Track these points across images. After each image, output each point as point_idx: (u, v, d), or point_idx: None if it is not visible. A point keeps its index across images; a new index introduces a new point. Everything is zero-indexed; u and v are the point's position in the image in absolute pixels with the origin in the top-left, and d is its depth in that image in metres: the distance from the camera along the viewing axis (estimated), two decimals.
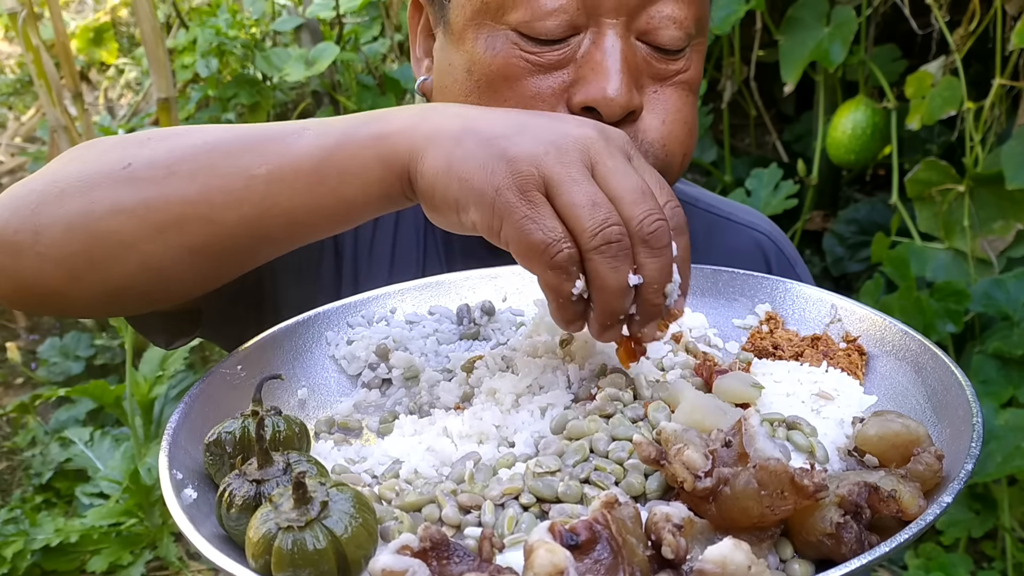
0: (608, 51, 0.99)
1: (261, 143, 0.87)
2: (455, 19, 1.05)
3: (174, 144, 0.90)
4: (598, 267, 0.74)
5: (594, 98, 0.99)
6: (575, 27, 1.00)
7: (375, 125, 0.84)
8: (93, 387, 3.44)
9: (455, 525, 0.72)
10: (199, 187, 0.86)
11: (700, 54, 1.09)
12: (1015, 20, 2.53)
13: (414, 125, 0.82)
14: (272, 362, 0.95)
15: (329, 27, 3.71)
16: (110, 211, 0.87)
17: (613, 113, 0.99)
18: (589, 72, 1.00)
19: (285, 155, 0.85)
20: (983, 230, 2.67)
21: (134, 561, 3.11)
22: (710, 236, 1.30)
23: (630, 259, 0.75)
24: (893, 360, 0.92)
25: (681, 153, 1.07)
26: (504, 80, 1.02)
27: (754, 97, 3.32)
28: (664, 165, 1.05)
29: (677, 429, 0.72)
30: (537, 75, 1.01)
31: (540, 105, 1.01)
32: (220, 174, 0.86)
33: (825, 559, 0.66)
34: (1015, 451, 2.38)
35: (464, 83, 1.04)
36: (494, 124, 0.80)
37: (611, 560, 0.60)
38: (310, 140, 0.85)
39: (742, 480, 0.65)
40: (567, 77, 1.01)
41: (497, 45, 1.01)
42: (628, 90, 0.99)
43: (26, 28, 3.50)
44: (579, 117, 0.85)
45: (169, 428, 0.81)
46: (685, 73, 1.06)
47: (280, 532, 0.65)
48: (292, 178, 0.85)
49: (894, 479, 0.69)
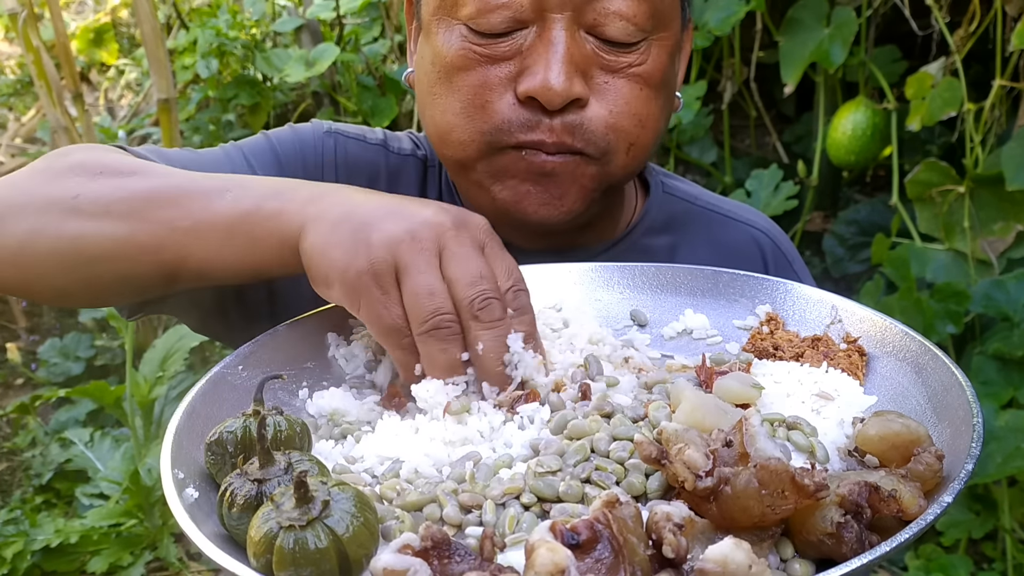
0: (551, 43, 1.04)
1: (188, 197, 0.98)
2: (424, 14, 1.13)
3: (118, 184, 1.01)
4: (429, 349, 0.86)
5: (534, 88, 1.04)
6: (520, 21, 1.05)
7: (278, 201, 0.95)
8: (93, 388, 3.44)
9: (456, 524, 0.72)
10: (129, 230, 0.98)
11: (663, 48, 1.09)
12: (1015, 21, 2.53)
13: (305, 206, 0.94)
14: (273, 362, 0.95)
15: (329, 28, 3.71)
16: (54, 237, 1.00)
17: (552, 101, 1.04)
18: (532, 63, 1.05)
19: (204, 212, 0.97)
20: (983, 231, 2.67)
21: (134, 562, 3.11)
22: (708, 233, 1.31)
23: (459, 342, 0.86)
24: (893, 361, 0.92)
25: (626, 144, 1.09)
26: (458, 71, 1.08)
27: (754, 98, 3.33)
28: (604, 154, 1.08)
29: (678, 429, 0.72)
30: (486, 66, 1.07)
31: (489, 94, 1.07)
32: (148, 220, 0.98)
33: (826, 559, 0.66)
34: (1015, 452, 2.38)
35: (430, 74, 1.11)
36: (368, 211, 0.90)
37: (612, 559, 0.61)
38: (228, 203, 0.97)
39: (743, 480, 0.65)
40: (513, 68, 1.06)
41: (452, 39, 1.08)
42: (568, 79, 1.03)
43: (26, 29, 3.50)
44: (440, 204, 0.93)
45: (171, 428, 0.81)
46: (640, 66, 1.07)
47: (282, 531, 0.65)
48: (206, 234, 0.97)
49: (894, 479, 0.69)
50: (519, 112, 1.06)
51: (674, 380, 0.88)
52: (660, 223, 1.29)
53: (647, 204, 1.30)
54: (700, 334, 1.03)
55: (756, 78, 3.25)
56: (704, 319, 1.03)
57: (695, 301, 1.06)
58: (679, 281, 1.08)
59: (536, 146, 1.07)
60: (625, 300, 1.08)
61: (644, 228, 1.28)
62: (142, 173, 1.03)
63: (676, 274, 1.08)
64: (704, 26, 2.96)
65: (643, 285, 1.08)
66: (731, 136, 3.49)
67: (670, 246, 1.28)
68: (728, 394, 0.83)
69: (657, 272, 1.08)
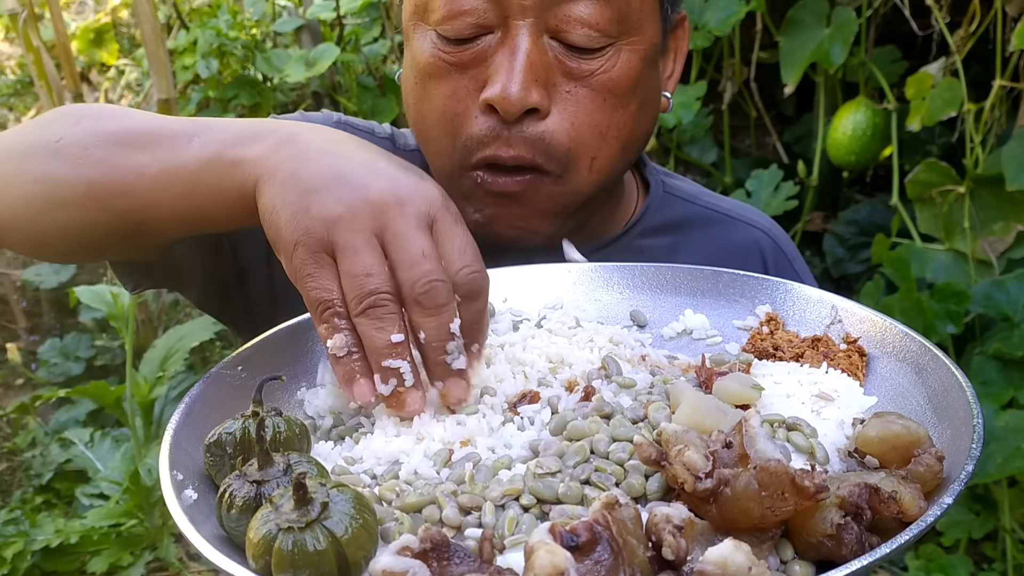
0: (513, 50, 1.03)
1: (157, 143, 0.97)
2: (404, 19, 1.12)
3: (96, 127, 1.01)
4: (364, 329, 0.82)
5: (491, 97, 1.03)
6: (484, 27, 1.04)
7: (239, 149, 0.93)
8: (93, 388, 3.44)
9: (455, 526, 0.72)
10: (101, 174, 0.98)
11: (634, 53, 1.07)
12: (1015, 21, 2.53)
13: (264, 157, 0.91)
14: (272, 363, 0.95)
15: (329, 28, 3.71)
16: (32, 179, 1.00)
17: (508, 111, 1.03)
18: (493, 72, 1.04)
19: (171, 160, 0.96)
20: (983, 231, 2.67)
21: (134, 562, 3.11)
22: (708, 233, 1.30)
23: (396, 321, 0.82)
24: (894, 361, 0.92)
25: (587, 158, 1.07)
26: (430, 78, 1.08)
27: (754, 98, 3.32)
28: (565, 170, 1.07)
29: (678, 430, 0.72)
30: (455, 74, 1.07)
31: (457, 105, 1.06)
32: (119, 165, 0.97)
33: (826, 560, 0.66)
34: (1015, 452, 2.38)
35: (410, 79, 1.12)
36: (314, 175, 0.87)
37: (612, 561, 0.60)
38: (194, 150, 0.95)
39: (743, 481, 0.65)
40: (479, 76, 1.05)
41: (425, 45, 1.08)
42: (524, 89, 1.02)
43: (27, 29, 3.50)
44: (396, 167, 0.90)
45: (170, 429, 0.81)
46: (604, 74, 1.06)
47: (280, 533, 0.65)
48: (172, 182, 0.96)
49: (895, 480, 0.69)
50: (481, 124, 1.05)
51: (674, 381, 0.88)
52: (659, 223, 1.29)
53: (646, 204, 1.30)
54: (700, 334, 1.02)
55: (756, 78, 3.25)
56: (704, 319, 1.03)
57: (695, 301, 1.06)
58: (679, 281, 1.07)
59: (493, 161, 1.06)
60: (625, 300, 1.08)
61: (641, 228, 1.27)
62: (119, 116, 1.02)
63: (676, 274, 1.08)
64: (704, 26, 2.96)
65: (643, 285, 1.08)
66: (731, 136, 3.49)
67: (669, 246, 1.27)
68: (728, 395, 0.83)
69: (657, 272, 1.08)
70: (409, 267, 0.82)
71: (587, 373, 0.91)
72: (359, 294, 0.82)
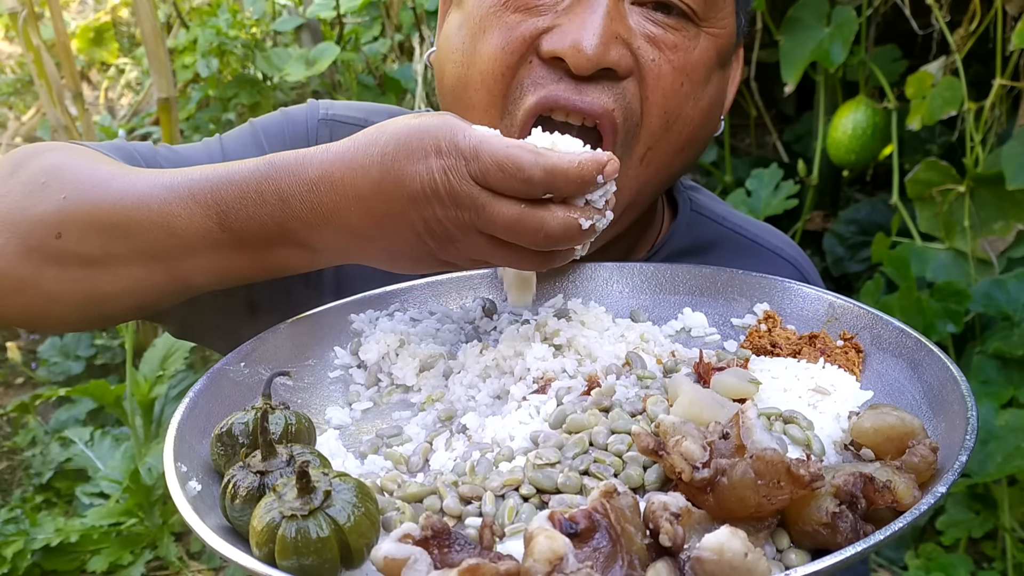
0: (591, 4, 0.96)
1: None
2: None
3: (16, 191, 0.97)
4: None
5: (562, 48, 0.96)
6: None
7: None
8: (93, 387, 3.43)
9: (456, 515, 0.72)
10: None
11: (712, 43, 1.03)
12: (1015, 20, 2.53)
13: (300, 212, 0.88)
14: (274, 359, 0.95)
15: (329, 27, 3.71)
16: None
17: (580, 65, 0.95)
18: (567, 21, 0.97)
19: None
20: (983, 230, 2.67)
21: (134, 561, 3.11)
22: (733, 259, 1.25)
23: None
24: (889, 357, 0.92)
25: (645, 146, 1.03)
26: (482, 32, 1.00)
27: (754, 97, 3.33)
28: (623, 144, 1.02)
29: (676, 422, 0.72)
30: (519, 20, 0.99)
31: (510, 57, 0.99)
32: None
33: (821, 548, 0.66)
34: (1015, 451, 2.38)
35: (455, 40, 1.04)
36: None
37: (610, 548, 0.61)
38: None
39: (739, 470, 0.65)
40: (543, 24, 0.98)
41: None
42: (604, 44, 0.95)
43: (27, 28, 3.50)
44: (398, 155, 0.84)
45: (174, 422, 0.81)
46: (685, 53, 1.00)
47: (284, 521, 0.65)
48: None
49: (889, 470, 0.69)
50: (537, 70, 0.98)
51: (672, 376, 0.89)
52: (685, 246, 1.25)
53: (673, 226, 1.25)
54: (698, 332, 1.03)
55: (756, 77, 3.25)
56: (702, 317, 1.04)
57: (693, 300, 1.06)
58: (678, 280, 1.08)
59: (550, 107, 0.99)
60: (624, 299, 1.08)
61: (668, 252, 1.24)
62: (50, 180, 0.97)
63: (675, 273, 1.08)
64: None
65: (642, 284, 1.09)
66: (731, 135, 3.50)
67: None
68: (725, 389, 0.83)
69: (656, 271, 1.09)
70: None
71: (607, 367, 0.92)
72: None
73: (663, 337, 1.00)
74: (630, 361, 0.92)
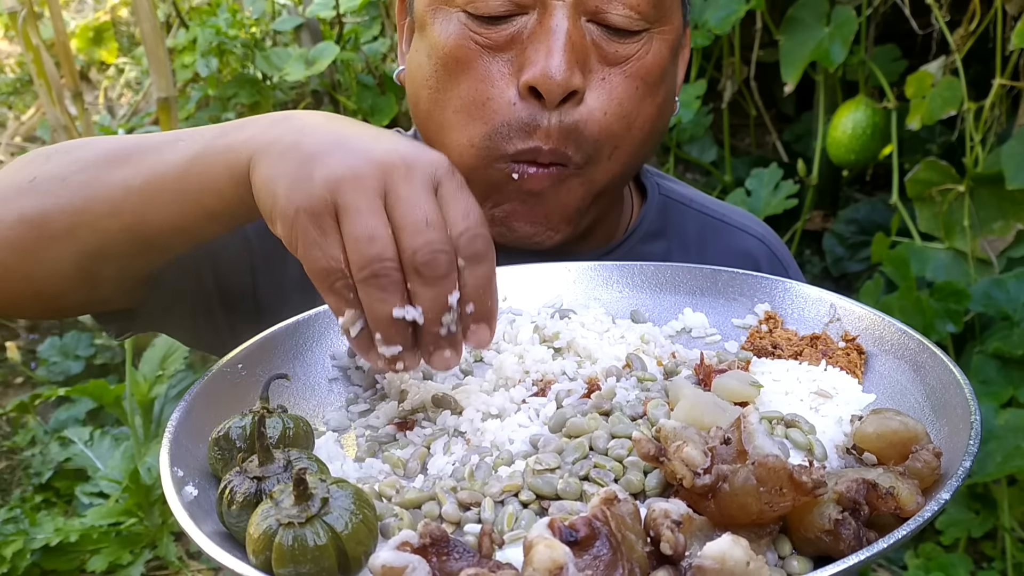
0: (552, 30, 1.01)
1: (140, 154, 0.93)
2: (418, 7, 1.09)
3: (72, 157, 0.96)
4: (365, 298, 0.79)
5: (534, 78, 1.00)
6: (520, 5, 1.02)
7: (231, 136, 0.88)
8: (93, 387, 3.43)
9: (455, 522, 0.72)
10: (85, 197, 0.93)
11: (665, 43, 1.07)
12: (1015, 20, 2.53)
13: (257, 135, 0.86)
14: (272, 361, 0.95)
15: (329, 27, 3.71)
16: (16, 220, 0.95)
17: (552, 92, 1.00)
18: (532, 52, 1.01)
19: (156, 166, 0.91)
20: (983, 230, 2.67)
21: (134, 561, 3.10)
22: (703, 238, 1.30)
23: (399, 292, 0.78)
24: (892, 359, 0.92)
25: (611, 147, 1.06)
26: (457, 63, 1.04)
27: (754, 97, 3.32)
28: (587, 158, 1.06)
29: (676, 427, 0.72)
30: (486, 56, 1.04)
31: (491, 89, 1.03)
32: (104, 184, 0.93)
33: (823, 555, 0.66)
34: (1015, 451, 2.38)
35: (426, 69, 1.08)
36: (317, 141, 0.83)
37: (610, 556, 0.61)
38: (180, 151, 0.91)
39: (741, 477, 0.65)
40: (513, 58, 1.03)
41: (450, 28, 1.05)
42: (569, 69, 1.00)
43: (26, 27, 3.50)
44: (398, 137, 0.84)
45: (170, 426, 0.81)
46: (639, 60, 1.05)
47: (281, 528, 0.65)
48: (159, 189, 0.91)
49: (892, 476, 0.69)
50: (521, 111, 1.03)
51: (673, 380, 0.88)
52: (656, 227, 1.28)
53: (644, 209, 1.29)
54: (699, 333, 1.03)
55: (756, 77, 3.25)
56: (703, 318, 1.03)
57: (694, 300, 1.06)
58: (678, 280, 1.08)
59: (534, 155, 1.04)
60: (624, 299, 1.08)
61: (641, 234, 1.27)
62: (95, 143, 0.98)
63: (675, 273, 1.08)
64: (704, 25, 2.96)
65: (642, 284, 1.08)
66: (731, 135, 3.49)
67: (665, 252, 1.27)
68: (726, 392, 0.83)
69: (656, 271, 1.08)
70: (412, 234, 0.78)
71: (607, 369, 0.91)
72: (362, 260, 0.77)
73: (663, 338, 1.00)
74: (630, 363, 0.92)
